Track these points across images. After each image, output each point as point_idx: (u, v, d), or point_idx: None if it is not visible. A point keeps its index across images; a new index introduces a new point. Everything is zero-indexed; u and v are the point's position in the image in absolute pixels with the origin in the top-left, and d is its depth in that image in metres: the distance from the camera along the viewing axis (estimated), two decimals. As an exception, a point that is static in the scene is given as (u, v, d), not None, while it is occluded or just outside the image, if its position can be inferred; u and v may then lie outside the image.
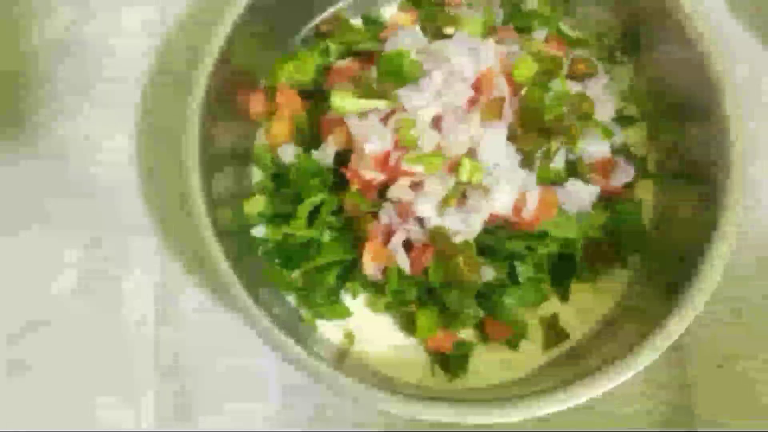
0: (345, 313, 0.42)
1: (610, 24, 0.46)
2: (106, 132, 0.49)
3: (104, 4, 0.51)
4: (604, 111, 0.43)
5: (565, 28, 0.46)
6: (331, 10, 0.47)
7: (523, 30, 0.45)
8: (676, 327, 0.37)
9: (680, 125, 0.44)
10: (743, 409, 0.44)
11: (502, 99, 0.38)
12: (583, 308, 0.43)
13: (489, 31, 0.43)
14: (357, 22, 0.47)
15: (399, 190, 0.38)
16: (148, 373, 0.45)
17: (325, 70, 0.44)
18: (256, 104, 0.44)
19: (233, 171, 0.44)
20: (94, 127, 0.49)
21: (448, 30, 0.42)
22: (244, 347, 0.44)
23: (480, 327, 0.43)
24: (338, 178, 0.41)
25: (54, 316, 0.46)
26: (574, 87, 0.42)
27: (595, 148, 0.41)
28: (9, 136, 0.49)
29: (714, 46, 0.40)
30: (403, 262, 0.40)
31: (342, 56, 0.44)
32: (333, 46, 0.44)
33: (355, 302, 0.43)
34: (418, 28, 0.40)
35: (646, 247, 0.44)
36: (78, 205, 0.48)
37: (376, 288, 0.42)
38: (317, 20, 0.47)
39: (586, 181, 0.41)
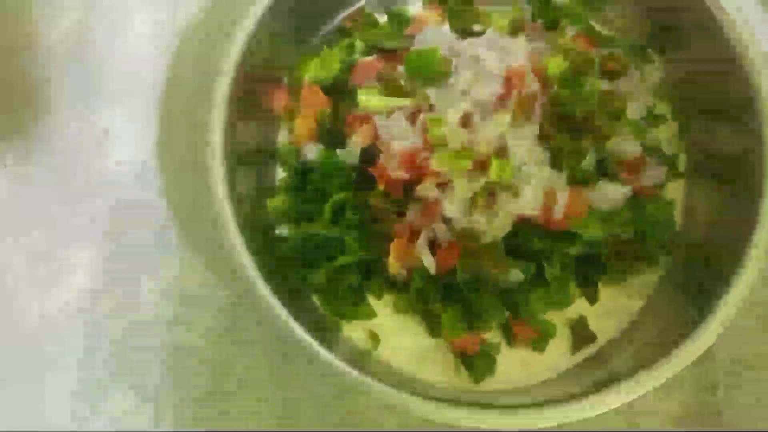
0: (369, 314, 0.42)
1: (640, 20, 0.45)
2: (121, 132, 0.49)
3: (114, 5, 0.51)
4: (636, 109, 0.42)
5: (594, 25, 0.45)
6: (354, 6, 0.46)
7: (552, 27, 0.44)
8: (707, 336, 0.36)
9: (713, 124, 0.43)
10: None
11: (533, 97, 0.37)
12: (610, 310, 0.43)
13: (517, 27, 0.42)
14: (381, 18, 0.47)
15: (426, 189, 0.38)
16: (164, 375, 0.44)
17: (349, 67, 0.43)
18: (280, 101, 0.44)
19: (256, 169, 0.44)
20: (108, 127, 0.49)
21: (476, 27, 0.41)
22: (260, 349, 0.44)
23: (506, 328, 0.42)
24: (363, 176, 0.41)
25: (70, 317, 0.45)
26: (605, 85, 0.41)
27: (626, 147, 0.40)
28: (21, 138, 0.49)
29: (750, 42, 0.39)
30: (429, 262, 0.39)
31: (367, 53, 0.43)
32: (358, 43, 0.43)
33: (380, 302, 0.43)
34: (447, 25, 0.39)
35: (677, 249, 0.43)
36: (92, 205, 0.47)
37: (400, 288, 0.42)
38: (341, 16, 0.46)
39: (617, 181, 0.40)
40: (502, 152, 0.37)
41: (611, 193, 0.40)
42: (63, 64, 0.50)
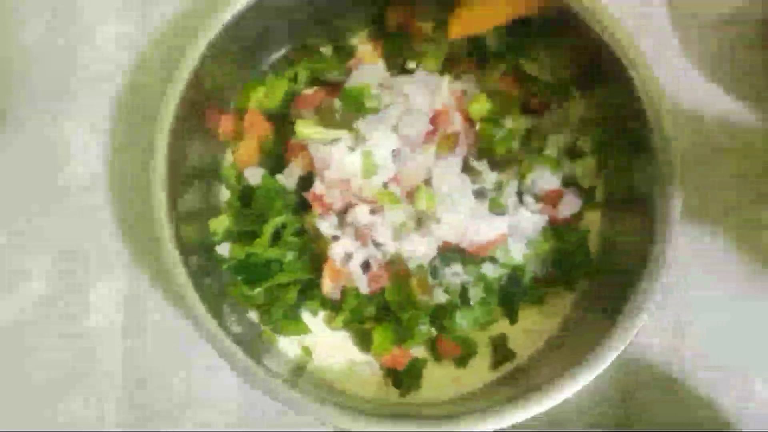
0: (304, 330, 0.44)
1: (563, 60, 0.49)
2: (78, 142, 0.50)
3: (80, 16, 0.52)
4: (555, 145, 0.45)
5: (521, 62, 0.49)
6: (302, 37, 0.49)
7: (483, 63, 0.47)
8: (615, 347, 0.40)
9: (626, 158, 0.47)
10: (678, 424, 0.47)
11: (457, 134, 0.40)
12: (530, 329, 0.46)
13: (449, 65, 0.45)
14: (327, 48, 0.49)
15: (358, 215, 0.41)
16: (112, 381, 0.46)
17: (293, 96, 0.45)
18: (225, 126, 0.46)
19: (202, 188, 0.46)
20: (65, 137, 0.50)
21: (411, 64, 0.44)
22: (208, 359, 0.46)
23: (432, 345, 0.45)
24: (301, 200, 0.43)
25: (20, 323, 0.47)
26: (527, 121, 0.44)
27: (544, 180, 0.44)
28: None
29: (654, 87, 0.42)
30: (361, 282, 0.42)
31: (310, 84, 0.46)
32: (301, 74, 0.46)
33: (314, 319, 0.45)
34: (381, 63, 0.42)
35: (591, 273, 0.46)
36: (47, 213, 0.49)
37: (334, 306, 0.44)
38: (289, 46, 0.48)
39: (535, 212, 0.44)
40: (428, 183, 0.40)
41: (529, 223, 0.43)
42: (26, 73, 0.51)
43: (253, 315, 0.45)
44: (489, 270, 0.43)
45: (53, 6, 0.52)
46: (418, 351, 0.45)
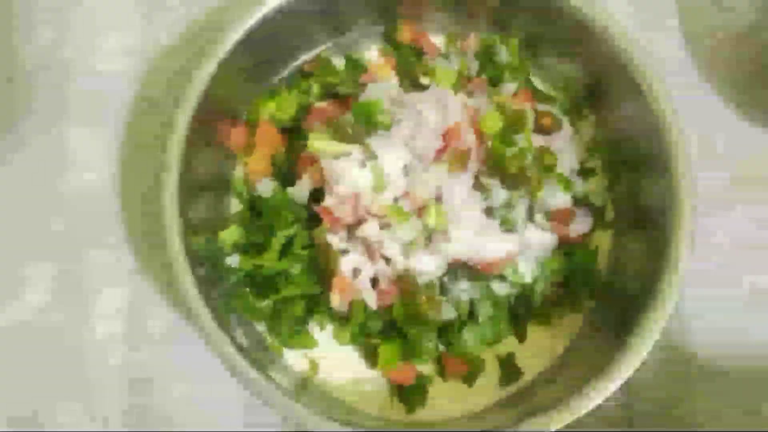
0: (311, 344, 0.44)
1: (575, 78, 0.49)
2: (84, 150, 0.50)
3: (85, 26, 0.52)
4: (567, 163, 0.45)
5: (534, 81, 0.49)
6: (316, 49, 0.49)
7: (495, 81, 0.47)
8: (624, 370, 0.39)
9: (637, 177, 0.46)
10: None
11: (468, 151, 0.40)
12: (538, 347, 0.46)
13: (462, 81, 0.45)
14: (340, 61, 0.49)
15: (368, 230, 0.40)
16: (113, 391, 0.46)
17: (305, 109, 0.45)
18: (237, 138, 0.46)
19: (212, 198, 0.46)
20: (72, 145, 0.50)
21: (424, 80, 0.44)
22: (210, 370, 0.46)
23: (439, 362, 0.45)
24: (312, 213, 0.43)
25: (24, 329, 0.47)
26: (539, 140, 0.44)
27: (555, 198, 0.44)
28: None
29: (668, 105, 0.42)
30: (370, 297, 0.42)
31: (323, 97, 0.46)
32: (314, 87, 0.46)
33: (322, 333, 0.45)
34: (394, 78, 0.42)
35: (600, 292, 0.46)
36: (52, 221, 0.49)
37: (341, 320, 0.44)
38: (302, 59, 0.49)
39: (546, 230, 0.43)
40: (438, 200, 0.40)
41: (539, 241, 0.43)
42: (31, 82, 0.51)
43: (259, 326, 0.45)
44: (498, 288, 0.43)
45: (59, 15, 0.52)
46: (425, 368, 0.45)
